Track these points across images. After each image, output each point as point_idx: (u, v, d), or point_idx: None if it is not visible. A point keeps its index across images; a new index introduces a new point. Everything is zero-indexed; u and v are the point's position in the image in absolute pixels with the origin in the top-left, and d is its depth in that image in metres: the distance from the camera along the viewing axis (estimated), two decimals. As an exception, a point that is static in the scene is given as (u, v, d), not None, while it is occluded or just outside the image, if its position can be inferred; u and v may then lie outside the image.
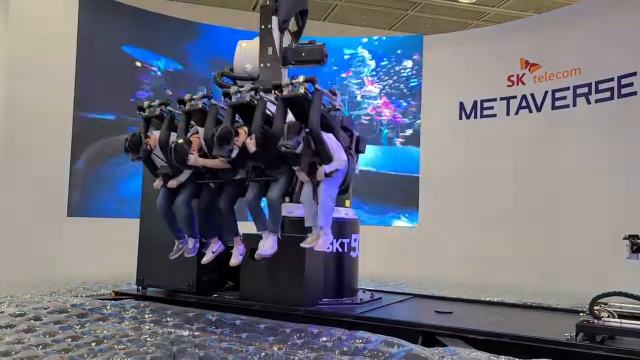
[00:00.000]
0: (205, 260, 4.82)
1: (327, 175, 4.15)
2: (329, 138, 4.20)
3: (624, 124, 8.04)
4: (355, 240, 5.18)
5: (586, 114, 8.68)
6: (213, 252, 4.80)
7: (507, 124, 9.69)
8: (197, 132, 4.68)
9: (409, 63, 10.99)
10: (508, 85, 9.78)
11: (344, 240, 5.05)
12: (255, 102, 4.34)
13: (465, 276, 8.85)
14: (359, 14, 12.24)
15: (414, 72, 10.93)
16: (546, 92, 9.30)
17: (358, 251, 5.23)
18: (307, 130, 4.05)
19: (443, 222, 9.99)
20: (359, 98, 11.18)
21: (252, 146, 4.16)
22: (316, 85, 4.19)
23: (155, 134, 4.83)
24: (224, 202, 4.54)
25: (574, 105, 8.89)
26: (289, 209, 5.00)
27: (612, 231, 5.76)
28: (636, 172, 7.80)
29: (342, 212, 5.10)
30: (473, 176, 9.87)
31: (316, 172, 4.13)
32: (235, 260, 4.63)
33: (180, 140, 4.46)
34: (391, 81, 11.05)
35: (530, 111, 9.51)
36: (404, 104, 11.04)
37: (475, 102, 10.14)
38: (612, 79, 8.34)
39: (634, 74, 8.03)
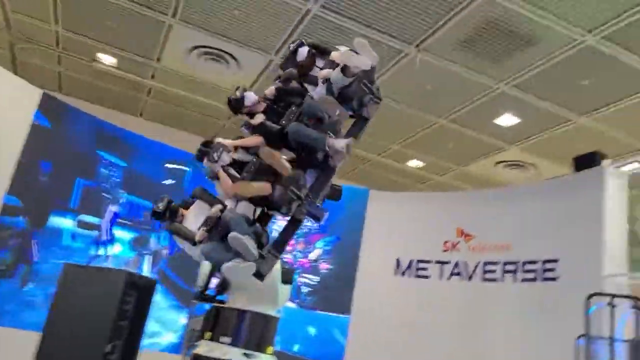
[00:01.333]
0: None
1: None
2: None
3: (543, 307, 8.36)
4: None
5: (512, 291, 9.03)
6: None
7: (439, 287, 9.92)
8: None
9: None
10: (443, 250, 10.19)
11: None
12: None
13: None
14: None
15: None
16: (478, 263, 9.71)
17: (273, 404, 4.94)
18: None
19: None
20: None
21: None
22: None
23: None
24: None
25: (502, 280, 9.28)
26: (207, 349, 4.76)
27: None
28: (556, 356, 7.95)
29: (262, 359, 4.89)
30: (402, 335, 9.80)
31: None
32: None
33: None
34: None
35: (462, 278, 9.83)
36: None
37: (412, 261, 10.44)
38: (537, 262, 8.85)
39: (556, 260, 8.57)
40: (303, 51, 4.75)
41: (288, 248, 10.90)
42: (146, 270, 10.21)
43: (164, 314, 10.09)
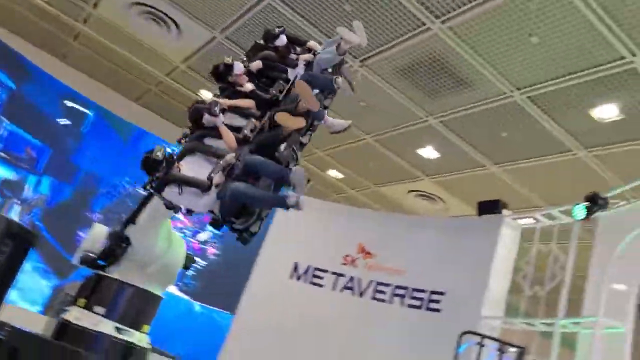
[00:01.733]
0: None
1: None
2: None
3: (423, 335, 8.72)
4: (137, 373, 4.72)
5: (397, 314, 9.33)
6: None
7: (331, 298, 10.05)
8: None
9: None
10: (342, 263, 10.35)
11: (125, 370, 4.58)
12: None
13: None
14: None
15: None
16: (371, 282, 9.95)
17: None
18: None
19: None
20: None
21: None
22: None
23: None
24: None
25: (390, 302, 9.57)
26: (78, 315, 4.48)
27: None
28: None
29: (136, 337, 4.68)
30: (284, 341, 9.81)
31: None
32: None
33: None
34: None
35: (353, 294, 10.02)
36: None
37: (309, 267, 10.50)
38: (425, 291, 9.22)
39: (443, 293, 8.98)
40: (283, 38, 5.15)
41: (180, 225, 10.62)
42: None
43: (24, 278, 8.40)
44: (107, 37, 9.94)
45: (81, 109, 10.06)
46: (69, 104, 9.88)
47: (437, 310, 8.94)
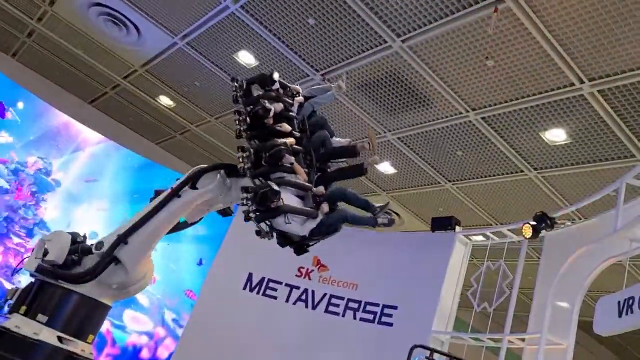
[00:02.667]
0: None
1: None
2: None
3: (375, 349, 8.78)
4: (79, 384, 4.53)
5: (350, 328, 9.36)
6: None
7: (284, 310, 9.99)
8: None
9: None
10: (297, 275, 10.31)
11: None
12: None
13: None
14: (191, 153, 12.49)
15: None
16: (325, 295, 9.95)
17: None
18: None
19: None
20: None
21: None
22: None
23: None
24: None
25: (343, 316, 9.59)
26: (18, 324, 4.28)
27: None
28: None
29: (79, 347, 4.51)
30: (238, 352, 9.67)
31: None
32: None
33: None
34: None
35: (307, 306, 9.98)
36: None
37: (264, 279, 10.41)
38: (378, 305, 9.29)
39: (395, 307, 9.07)
40: (276, 77, 5.56)
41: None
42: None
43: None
44: (63, 37, 9.67)
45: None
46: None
47: (390, 324, 9.01)
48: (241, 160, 4.98)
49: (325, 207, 5.10)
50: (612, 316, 5.21)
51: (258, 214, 4.77)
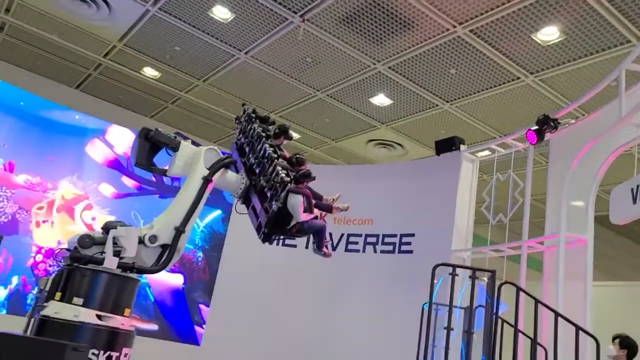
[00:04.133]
0: None
1: None
2: None
3: (399, 276, 9.01)
4: (125, 355, 4.71)
5: (372, 261, 9.58)
6: None
7: (305, 256, 10.19)
8: None
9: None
10: (312, 221, 10.45)
11: (112, 353, 4.55)
12: None
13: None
14: (186, 121, 12.42)
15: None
16: (342, 235, 10.13)
17: (126, 368, 4.75)
18: None
19: (228, 346, 9.71)
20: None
21: None
22: None
23: None
24: None
25: (364, 251, 9.80)
26: (56, 309, 4.41)
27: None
28: (405, 321, 8.61)
29: (118, 322, 4.66)
30: (265, 301, 9.96)
31: None
32: None
33: None
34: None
35: (327, 248, 10.16)
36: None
37: (280, 230, 10.55)
38: (395, 235, 9.47)
39: (413, 235, 9.24)
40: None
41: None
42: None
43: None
44: (35, 24, 9.44)
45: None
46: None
47: (409, 251, 9.21)
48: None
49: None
50: (626, 203, 5.28)
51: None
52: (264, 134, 5.57)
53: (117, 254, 4.50)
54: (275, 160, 5.32)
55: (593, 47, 7.54)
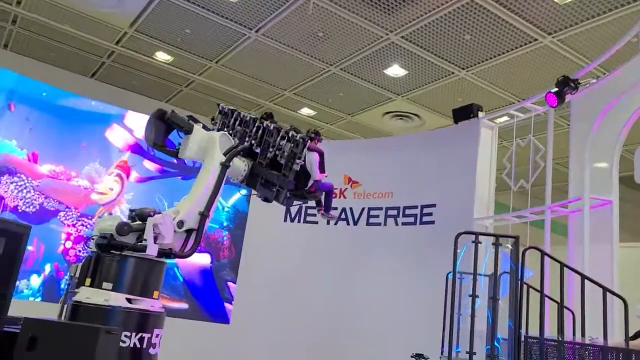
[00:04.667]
0: None
1: None
2: None
3: (422, 248, 9.02)
4: (157, 336, 4.82)
5: (393, 234, 9.60)
6: None
7: (327, 232, 10.26)
8: None
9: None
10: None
11: (144, 334, 4.67)
12: None
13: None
14: (202, 104, 12.45)
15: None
16: (363, 209, 10.14)
17: (158, 348, 4.86)
18: None
19: (256, 322, 9.90)
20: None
21: None
22: None
23: None
24: None
25: (385, 224, 9.81)
26: (87, 295, 4.53)
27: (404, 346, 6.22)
28: (429, 292, 8.66)
29: (148, 304, 4.76)
30: (290, 279, 10.08)
31: None
32: None
33: None
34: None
35: (348, 224, 10.22)
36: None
37: (301, 207, 10.63)
38: (416, 207, 9.44)
39: (434, 205, 9.21)
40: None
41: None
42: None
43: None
44: (46, 15, 9.48)
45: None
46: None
47: (431, 222, 9.20)
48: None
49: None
50: (651, 162, 5.17)
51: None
52: (257, 116, 5.80)
53: (154, 240, 4.58)
54: (281, 128, 5.49)
55: (611, 3, 7.31)
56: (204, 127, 5.51)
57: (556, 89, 7.10)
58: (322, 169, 5.51)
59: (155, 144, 5.35)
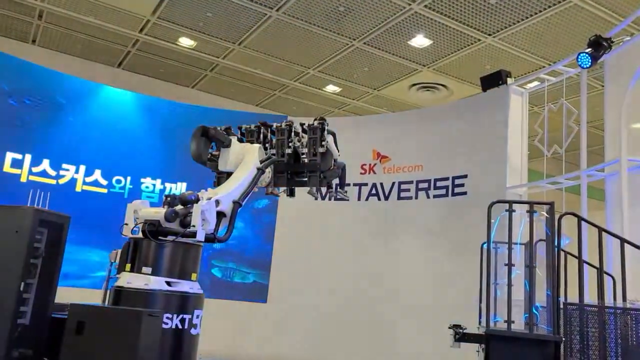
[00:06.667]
0: None
1: None
2: None
3: (455, 219, 8.95)
4: (197, 316, 4.96)
5: (425, 206, 9.54)
6: None
7: (358, 208, 10.27)
8: None
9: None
10: (361, 173, 10.47)
11: (185, 316, 4.80)
12: None
13: (313, 356, 8.85)
14: (227, 87, 12.51)
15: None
16: (393, 183, 10.10)
17: (199, 328, 5.00)
18: None
19: (293, 300, 10.05)
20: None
21: None
22: None
23: None
24: None
25: (416, 197, 9.75)
26: (128, 280, 4.68)
27: (441, 317, 6.23)
28: (464, 262, 8.62)
29: (186, 286, 4.89)
30: (325, 256, 10.16)
31: None
32: None
33: None
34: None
35: (379, 199, 10.20)
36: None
37: (330, 184, 10.61)
38: (447, 179, 9.35)
39: (465, 176, 9.10)
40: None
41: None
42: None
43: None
44: (70, 7, 9.61)
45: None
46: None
47: (464, 193, 9.10)
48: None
49: None
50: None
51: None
52: (254, 127, 6.08)
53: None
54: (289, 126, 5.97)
55: (646, -45, 6.98)
56: (238, 139, 5.93)
57: (589, 50, 6.85)
58: (337, 147, 6.07)
59: (202, 161, 5.73)
